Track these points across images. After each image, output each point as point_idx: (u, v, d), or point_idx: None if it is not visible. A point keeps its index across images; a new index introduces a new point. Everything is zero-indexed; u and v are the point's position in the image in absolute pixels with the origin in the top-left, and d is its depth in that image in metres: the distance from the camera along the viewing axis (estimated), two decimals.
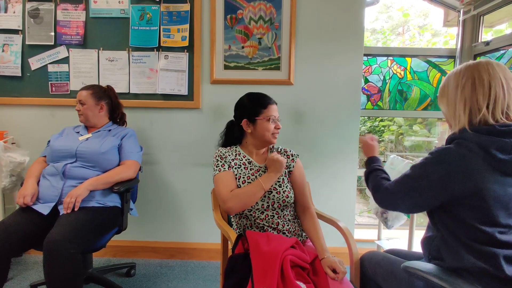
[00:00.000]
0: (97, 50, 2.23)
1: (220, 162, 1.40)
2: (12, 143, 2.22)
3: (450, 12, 2.66)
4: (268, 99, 1.44)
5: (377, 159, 1.33)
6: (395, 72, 2.53)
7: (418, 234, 2.19)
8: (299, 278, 1.13)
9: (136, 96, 2.26)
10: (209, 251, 2.35)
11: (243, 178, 1.39)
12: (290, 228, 1.39)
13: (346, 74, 2.22)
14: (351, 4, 2.17)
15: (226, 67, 2.24)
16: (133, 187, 1.91)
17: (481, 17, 2.39)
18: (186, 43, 2.19)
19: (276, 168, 1.36)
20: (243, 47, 2.22)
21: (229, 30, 2.21)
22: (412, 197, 1.05)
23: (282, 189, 1.39)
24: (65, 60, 2.24)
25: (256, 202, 1.35)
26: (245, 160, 1.44)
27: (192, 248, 2.37)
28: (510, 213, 0.96)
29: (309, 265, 1.23)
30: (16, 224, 1.51)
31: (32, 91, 2.27)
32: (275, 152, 1.44)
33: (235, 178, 1.40)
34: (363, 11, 2.17)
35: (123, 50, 2.23)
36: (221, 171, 1.38)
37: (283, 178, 1.42)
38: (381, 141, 4.02)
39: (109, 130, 1.88)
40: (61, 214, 1.56)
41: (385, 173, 1.25)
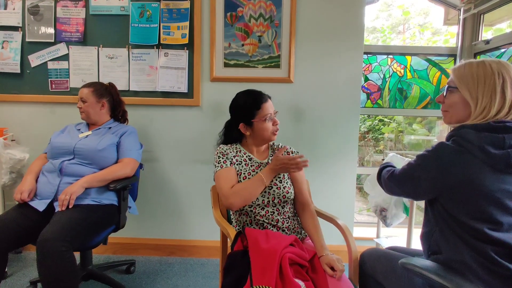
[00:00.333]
0: (97, 47, 2.23)
1: (222, 158, 1.40)
2: (12, 140, 2.23)
3: (451, 11, 2.66)
4: (260, 98, 1.40)
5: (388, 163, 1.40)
6: (395, 70, 2.53)
7: (417, 232, 2.20)
8: (298, 276, 1.13)
9: (136, 93, 2.26)
10: (209, 249, 2.36)
11: (244, 174, 1.40)
12: (289, 225, 1.40)
13: (346, 72, 2.22)
14: (351, 2, 2.16)
15: (226, 65, 2.24)
16: (132, 185, 1.91)
17: (482, 16, 2.39)
18: (186, 41, 2.19)
19: (280, 168, 1.35)
20: (243, 45, 2.21)
21: (229, 28, 2.21)
22: (411, 185, 1.11)
23: (282, 184, 1.40)
24: (65, 57, 2.24)
25: (257, 197, 1.36)
26: (246, 156, 1.45)
27: (192, 245, 2.37)
28: (503, 210, 0.97)
29: (308, 262, 1.24)
30: (12, 220, 1.52)
31: (32, 88, 2.27)
32: (283, 150, 1.43)
33: (237, 174, 1.40)
34: (364, 9, 2.17)
35: (123, 48, 2.23)
36: (223, 167, 1.38)
37: (284, 174, 1.43)
38: (381, 139, 4.02)
39: (109, 127, 1.88)
40: (56, 211, 1.56)
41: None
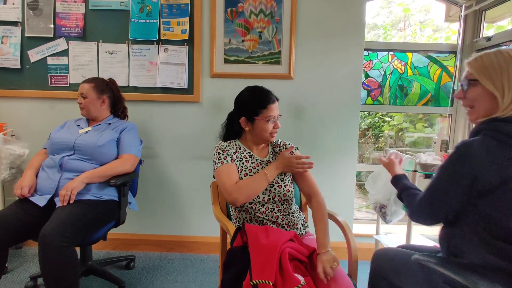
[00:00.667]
0: (96, 42, 2.22)
1: (222, 155, 1.40)
2: (12, 136, 2.22)
3: (452, 7, 2.65)
4: (268, 99, 1.39)
5: (402, 177, 1.30)
6: (395, 67, 2.52)
7: (416, 229, 2.21)
8: (297, 271, 1.13)
9: (136, 89, 2.25)
10: (208, 245, 2.37)
11: (244, 171, 1.41)
12: (289, 222, 1.40)
13: (347, 68, 2.21)
14: None
15: (226, 61, 2.23)
16: (132, 181, 1.91)
17: (483, 12, 2.38)
18: (186, 36, 2.18)
19: (285, 166, 1.37)
20: (243, 41, 2.21)
21: (229, 24, 2.20)
22: (447, 201, 1.01)
23: (284, 183, 1.40)
24: (65, 53, 2.23)
25: (258, 194, 1.36)
26: (246, 153, 1.45)
27: (192, 241, 2.38)
28: None
29: (307, 258, 1.24)
30: (12, 215, 1.53)
31: (31, 83, 2.26)
32: (289, 150, 1.45)
33: (237, 170, 1.40)
34: (365, 6, 2.16)
35: (123, 43, 2.22)
36: (224, 164, 1.38)
37: (285, 173, 1.43)
38: (381, 136, 4.01)
39: (109, 123, 1.87)
40: (57, 206, 1.57)
41: (415, 188, 1.20)
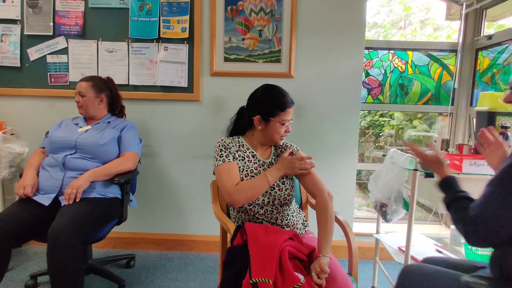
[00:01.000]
0: (96, 41, 2.22)
1: (224, 152, 1.36)
2: (11, 134, 2.22)
3: (453, 6, 2.64)
4: (287, 101, 1.34)
5: (454, 180, 1.09)
6: (396, 65, 2.51)
7: (417, 228, 2.21)
8: (296, 270, 1.13)
9: (136, 87, 2.25)
10: (208, 243, 2.37)
11: (246, 171, 1.36)
12: (288, 222, 1.39)
13: (347, 67, 2.20)
14: None
15: (226, 59, 2.22)
16: (133, 178, 1.91)
17: (484, 11, 2.37)
18: (186, 35, 2.17)
19: (287, 169, 1.35)
20: (243, 39, 2.20)
21: (229, 22, 2.19)
22: (507, 220, 0.85)
23: (284, 186, 1.38)
24: (64, 51, 2.23)
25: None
26: (249, 152, 1.41)
27: (191, 240, 2.38)
28: None
29: (307, 257, 1.24)
30: (15, 215, 1.52)
31: (31, 82, 2.26)
32: (288, 152, 1.42)
33: (239, 170, 1.37)
34: (365, 4, 2.15)
35: (123, 41, 2.21)
36: (225, 162, 1.34)
37: (286, 176, 1.40)
38: (381, 135, 4.01)
39: (108, 122, 1.87)
40: (62, 205, 1.57)
41: (467, 197, 1.02)
